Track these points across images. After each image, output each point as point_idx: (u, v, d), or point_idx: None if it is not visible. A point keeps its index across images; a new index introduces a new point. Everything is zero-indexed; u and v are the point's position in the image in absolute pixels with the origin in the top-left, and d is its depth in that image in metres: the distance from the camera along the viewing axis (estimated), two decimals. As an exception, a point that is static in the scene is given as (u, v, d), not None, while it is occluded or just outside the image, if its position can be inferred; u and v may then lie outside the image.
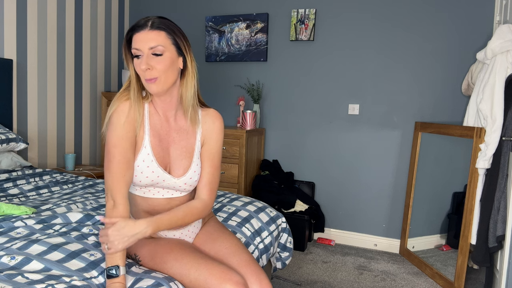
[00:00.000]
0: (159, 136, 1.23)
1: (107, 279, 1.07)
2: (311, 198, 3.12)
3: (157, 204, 1.26)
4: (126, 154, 1.14)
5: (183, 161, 1.25)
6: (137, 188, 1.25)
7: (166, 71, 1.14)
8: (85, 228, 1.41)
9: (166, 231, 1.28)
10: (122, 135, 1.14)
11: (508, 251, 1.96)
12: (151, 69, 1.13)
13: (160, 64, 1.13)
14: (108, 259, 1.09)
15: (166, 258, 1.18)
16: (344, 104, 3.07)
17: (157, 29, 1.13)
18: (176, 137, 1.26)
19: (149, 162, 1.19)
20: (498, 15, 2.55)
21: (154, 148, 1.21)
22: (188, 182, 1.26)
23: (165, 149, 1.23)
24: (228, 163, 2.99)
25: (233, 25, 3.33)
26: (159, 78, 1.14)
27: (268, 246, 1.68)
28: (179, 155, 1.25)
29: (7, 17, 2.62)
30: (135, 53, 1.14)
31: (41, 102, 2.92)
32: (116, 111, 1.16)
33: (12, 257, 1.13)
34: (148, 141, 1.20)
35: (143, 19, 1.15)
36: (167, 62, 1.14)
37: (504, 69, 2.15)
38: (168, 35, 1.14)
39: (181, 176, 1.24)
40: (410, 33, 2.85)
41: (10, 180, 2.10)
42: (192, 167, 1.26)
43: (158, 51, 1.12)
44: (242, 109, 3.19)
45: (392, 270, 2.63)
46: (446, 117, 2.81)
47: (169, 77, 1.16)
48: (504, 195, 2.06)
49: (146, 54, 1.12)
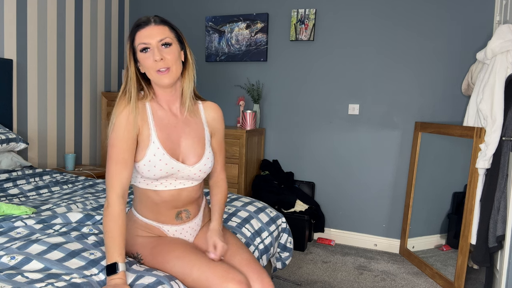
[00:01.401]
0: (168, 129, 1.26)
1: (107, 276, 1.08)
2: (311, 198, 3.12)
3: (168, 196, 1.27)
4: (123, 154, 1.18)
5: (196, 150, 1.29)
6: (148, 182, 1.26)
7: (176, 61, 1.21)
8: (85, 228, 1.41)
9: (169, 225, 1.30)
10: (120, 137, 1.18)
11: (508, 251, 1.96)
12: (164, 59, 1.18)
13: (170, 55, 1.20)
14: (107, 256, 1.10)
15: (168, 257, 1.19)
16: (344, 104, 3.07)
17: (161, 24, 1.21)
18: (185, 128, 1.30)
19: (161, 156, 1.22)
20: (498, 15, 2.55)
21: (163, 142, 1.24)
22: (202, 169, 1.29)
23: (176, 141, 1.27)
24: (228, 163, 2.99)
25: (233, 25, 3.33)
26: (171, 68, 1.20)
27: (268, 247, 1.68)
28: (191, 144, 1.29)
29: (7, 17, 2.62)
30: (142, 47, 1.19)
31: (41, 102, 2.92)
32: (117, 116, 1.20)
33: (12, 257, 1.13)
34: (156, 136, 1.23)
35: (144, 17, 1.22)
36: (176, 53, 1.22)
37: (504, 69, 2.15)
38: (171, 29, 1.24)
39: (195, 164, 1.28)
40: (410, 33, 2.85)
41: (10, 180, 2.10)
42: (206, 154, 1.31)
43: (167, 41, 1.20)
44: (242, 109, 3.19)
45: (392, 270, 2.63)
46: (446, 117, 2.81)
47: (178, 68, 1.23)
48: (504, 195, 2.06)
49: (156, 47, 1.18)
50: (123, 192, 1.18)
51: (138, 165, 1.22)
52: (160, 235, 1.31)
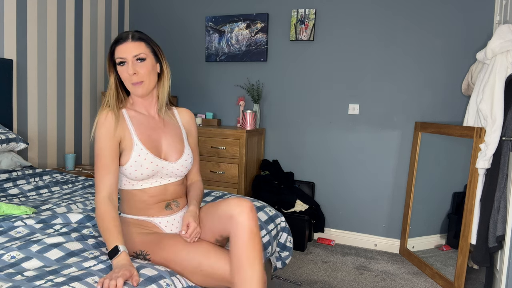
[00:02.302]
0: (148, 131, 1.37)
1: (110, 260, 1.14)
2: (311, 198, 3.12)
3: (155, 191, 1.37)
4: (105, 161, 1.28)
5: (177, 147, 1.41)
6: (134, 183, 1.35)
7: (149, 74, 1.34)
8: (85, 229, 1.42)
9: (159, 217, 1.38)
10: (102, 146, 1.29)
11: (508, 251, 1.96)
12: (137, 74, 1.31)
13: (143, 69, 1.32)
14: (108, 246, 1.17)
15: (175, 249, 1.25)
16: (344, 104, 3.07)
17: (138, 40, 1.33)
18: (164, 128, 1.42)
19: (145, 155, 1.32)
20: (498, 15, 2.55)
21: (146, 143, 1.34)
22: (184, 164, 1.41)
23: (157, 140, 1.38)
24: (228, 163, 2.99)
25: (233, 25, 3.33)
26: (144, 82, 1.33)
27: (266, 245, 1.68)
28: (172, 142, 1.41)
29: (7, 17, 2.62)
30: (119, 61, 1.32)
31: (41, 102, 2.92)
32: (98, 128, 1.31)
33: (12, 256, 1.14)
34: (138, 139, 1.33)
35: (124, 33, 1.34)
36: (149, 67, 1.34)
37: (504, 69, 2.15)
38: (147, 45, 1.35)
39: (177, 160, 1.39)
40: (410, 33, 2.85)
41: (10, 180, 2.10)
42: (185, 151, 1.42)
43: (141, 56, 1.32)
44: (242, 109, 3.19)
45: (392, 270, 2.63)
46: (446, 117, 2.81)
47: (152, 80, 1.36)
48: (504, 195, 2.06)
49: (131, 61, 1.31)
50: (109, 194, 1.27)
51: (125, 167, 1.31)
52: (153, 229, 1.36)
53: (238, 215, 1.20)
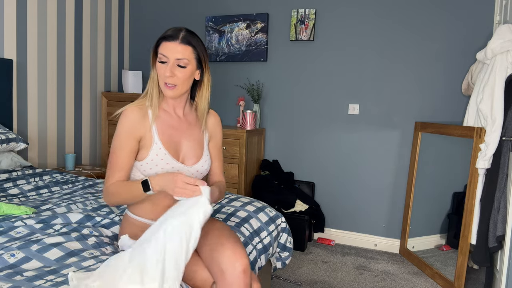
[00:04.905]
0: (170, 131, 1.34)
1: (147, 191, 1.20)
2: (311, 198, 3.12)
3: (164, 195, 1.29)
4: (120, 160, 1.27)
5: (196, 151, 1.38)
6: None
7: (184, 81, 1.29)
8: (85, 229, 1.42)
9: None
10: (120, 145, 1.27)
11: (508, 251, 1.96)
12: (173, 77, 1.26)
13: (181, 74, 1.27)
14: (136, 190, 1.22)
15: None
16: (344, 104, 3.07)
17: (186, 44, 1.27)
18: (187, 130, 1.39)
19: (163, 155, 1.29)
20: (498, 15, 2.55)
21: (165, 143, 1.31)
22: (200, 170, 1.37)
23: (177, 142, 1.35)
24: (228, 163, 2.99)
25: (233, 25, 3.33)
26: (177, 86, 1.29)
27: (267, 246, 1.68)
28: (192, 146, 1.37)
29: (7, 17, 2.62)
30: (161, 59, 1.27)
31: (41, 102, 2.92)
32: (122, 117, 1.29)
33: (12, 255, 1.14)
34: (158, 139, 1.30)
35: (174, 30, 1.28)
36: (188, 74, 1.29)
37: (504, 69, 2.15)
38: (194, 50, 1.29)
39: (194, 164, 1.36)
40: (411, 33, 2.85)
41: (10, 180, 2.10)
42: (204, 157, 1.39)
43: (182, 63, 1.26)
44: (242, 109, 3.19)
45: (392, 270, 2.63)
46: (446, 117, 2.80)
47: (185, 86, 1.31)
48: (504, 195, 2.06)
49: (172, 63, 1.26)
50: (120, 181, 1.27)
51: (141, 163, 1.29)
52: None
53: (230, 276, 1.11)
